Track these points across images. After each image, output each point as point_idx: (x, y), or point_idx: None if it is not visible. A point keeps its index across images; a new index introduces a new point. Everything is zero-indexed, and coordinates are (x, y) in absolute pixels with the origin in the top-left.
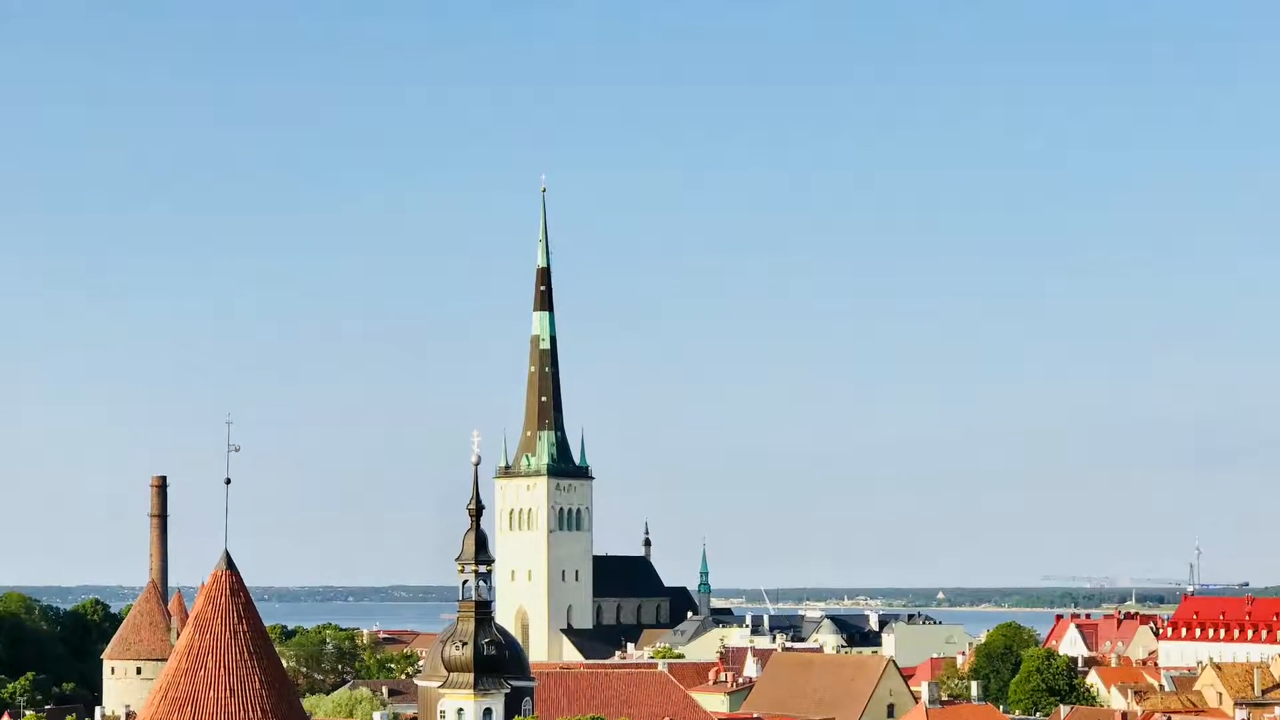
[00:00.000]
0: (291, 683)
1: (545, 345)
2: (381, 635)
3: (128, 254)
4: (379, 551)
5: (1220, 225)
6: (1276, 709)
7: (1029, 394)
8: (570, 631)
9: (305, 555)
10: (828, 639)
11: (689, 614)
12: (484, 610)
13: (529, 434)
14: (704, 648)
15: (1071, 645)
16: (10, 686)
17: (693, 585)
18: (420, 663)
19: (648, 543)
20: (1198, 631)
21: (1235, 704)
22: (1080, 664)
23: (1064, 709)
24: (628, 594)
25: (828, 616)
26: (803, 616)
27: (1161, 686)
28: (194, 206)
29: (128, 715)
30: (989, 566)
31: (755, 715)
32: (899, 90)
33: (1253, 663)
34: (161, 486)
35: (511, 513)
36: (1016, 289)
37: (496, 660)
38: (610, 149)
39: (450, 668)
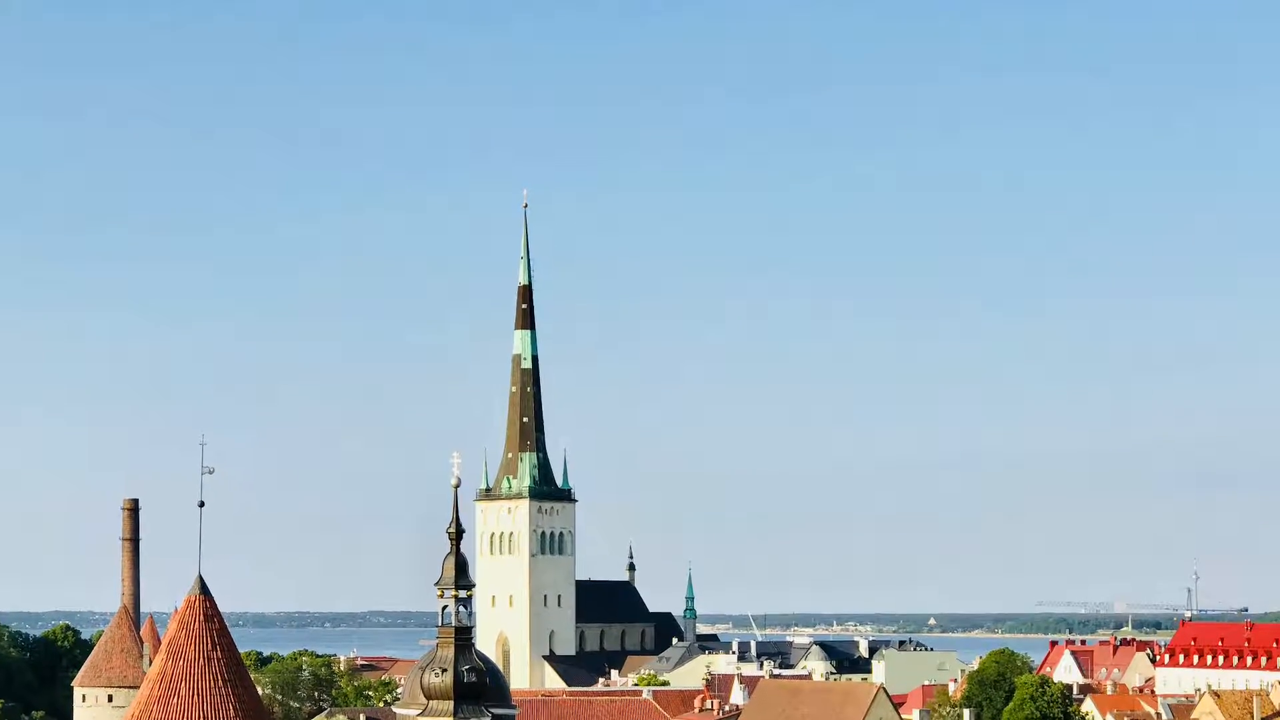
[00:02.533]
0: (267, 710)
1: (527, 365)
2: (359, 662)
3: (99, 272)
4: (356, 576)
5: (1219, 247)
6: None
7: (1023, 416)
8: (553, 658)
9: (281, 580)
10: (816, 666)
11: (674, 640)
12: (464, 636)
13: (510, 456)
14: (689, 675)
15: (1066, 672)
16: None
17: (678, 610)
18: (399, 690)
19: (632, 567)
20: (1195, 658)
21: None
22: (1075, 691)
23: None
24: (611, 619)
25: (816, 643)
26: (790, 643)
27: (1159, 714)
28: (168, 224)
29: None
30: (981, 592)
31: None
32: (889, 105)
33: (1252, 690)
34: (133, 509)
35: (492, 536)
36: (1011, 310)
37: (477, 688)
38: (593, 166)
39: (429, 695)
